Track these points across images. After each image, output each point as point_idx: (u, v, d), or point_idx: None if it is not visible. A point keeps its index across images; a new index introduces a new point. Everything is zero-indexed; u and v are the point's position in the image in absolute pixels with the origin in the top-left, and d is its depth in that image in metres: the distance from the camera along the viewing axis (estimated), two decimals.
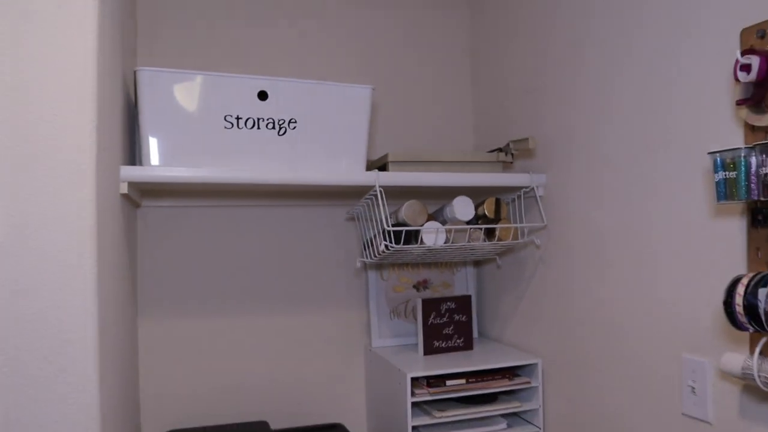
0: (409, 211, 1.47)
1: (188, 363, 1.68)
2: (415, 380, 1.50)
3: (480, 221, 1.55)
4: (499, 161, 1.57)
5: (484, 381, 1.54)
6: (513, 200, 1.66)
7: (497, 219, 1.53)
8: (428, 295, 1.85)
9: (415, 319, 1.82)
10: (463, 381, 1.51)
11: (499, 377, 1.56)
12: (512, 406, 1.57)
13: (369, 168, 1.56)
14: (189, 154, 1.32)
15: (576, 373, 1.45)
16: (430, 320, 1.68)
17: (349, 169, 1.44)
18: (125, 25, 1.38)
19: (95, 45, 0.97)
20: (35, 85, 0.93)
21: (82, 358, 0.93)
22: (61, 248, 0.93)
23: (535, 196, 1.57)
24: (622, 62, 1.28)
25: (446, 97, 1.97)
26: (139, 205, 1.63)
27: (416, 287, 1.86)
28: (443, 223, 1.51)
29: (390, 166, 1.48)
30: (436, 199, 1.86)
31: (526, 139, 1.49)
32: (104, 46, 1.04)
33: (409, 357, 1.64)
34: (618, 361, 1.31)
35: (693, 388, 1.13)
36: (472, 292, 1.90)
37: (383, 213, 1.41)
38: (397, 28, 1.92)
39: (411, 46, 1.93)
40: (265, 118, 1.36)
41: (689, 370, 1.14)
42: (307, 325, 1.79)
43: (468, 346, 1.72)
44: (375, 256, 1.52)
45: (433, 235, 1.45)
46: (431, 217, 1.52)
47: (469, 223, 1.52)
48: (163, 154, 1.30)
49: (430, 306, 1.68)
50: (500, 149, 1.57)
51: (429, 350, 1.67)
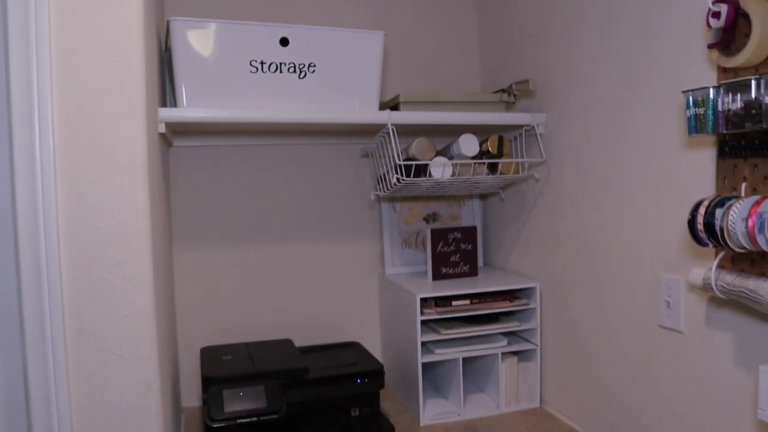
0: (419, 147, 1.60)
1: (217, 289, 1.86)
2: (423, 301, 1.67)
3: (484, 157, 1.68)
4: (502, 101, 1.69)
5: (486, 302, 1.70)
6: (515, 138, 1.79)
7: (500, 155, 1.67)
8: (437, 226, 2.00)
9: (425, 249, 1.98)
10: (467, 302, 1.68)
11: (501, 299, 1.72)
12: (512, 325, 1.74)
13: (382, 108, 1.69)
14: (218, 97, 1.46)
15: (570, 295, 1.61)
16: (439, 248, 1.83)
17: (363, 109, 1.57)
18: None
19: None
20: (98, 35, 1.07)
21: (143, 266, 1.10)
22: (122, 175, 1.09)
23: (535, 134, 1.69)
24: (621, 8, 1.39)
25: (454, 42, 2.07)
26: (171, 145, 1.78)
27: (426, 219, 2.01)
28: (450, 158, 1.65)
29: (401, 106, 1.61)
30: (444, 137, 1.99)
31: (526, 81, 1.61)
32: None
33: (419, 282, 1.80)
34: (606, 282, 1.47)
35: (668, 302, 1.28)
36: (478, 223, 2.05)
37: (395, 149, 1.55)
38: None
39: None
40: (286, 62, 1.49)
41: (665, 287, 1.29)
42: (326, 254, 1.96)
43: (473, 272, 1.88)
44: (387, 189, 1.66)
45: (440, 169, 1.59)
46: (439, 153, 1.66)
47: (474, 158, 1.66)
48: (193, 97, 1.44)
49: (438, 236, 1.84)
50: (503, 90, 1.69)
51: (437, 276, 1.83)
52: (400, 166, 1.58)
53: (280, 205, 1.91)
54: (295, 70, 1.50)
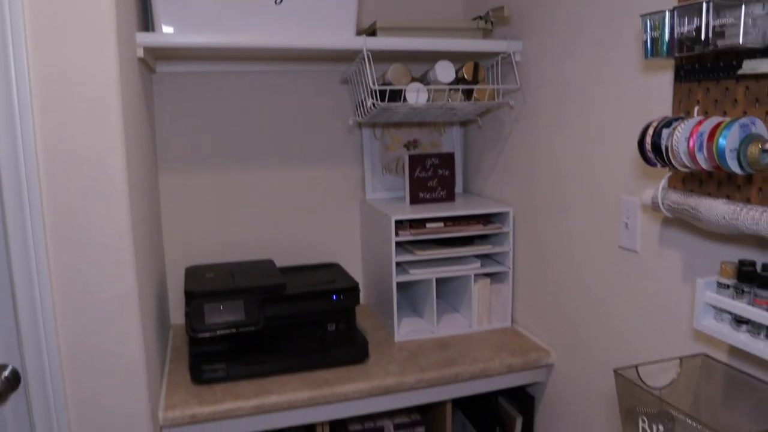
0: (395, 73, 1.63)
1: (202, 211, 1.92)
2: (399, 224, 1.73)
3: (460, 83, 1.71)
4: (479, 29, 1.71)
5: (460, 225, 1.76)
6: (492, 66, 1.81)
7: (475, 81, 1.69)
8: (418, 152, 2.04)
9: (404, 174, 2.03)
10: (441, 224, 1.74)
11: (475, 223, 1.78)
12: (485, 248, 1.81)
13: (359, 35, 1.70)
14: (196, 22, 1.48)
15: (541, 220, 1.67)
16: (416, 174, 1.88)
17: (339, 35, 1.59)
18: None
19: None
20: None
21: (117, 181, 1.16)
22: (92, 98, 1.13)
23: (511, 62, 1.72)
24: None
25: None
26: (153, 71, 1.81)
27: (407, 146, 2.06)
28: (427, 85, 1.68)
29: (378, 33, 1.63)
30: (423, 64, 2.00)
31: (501, 8, 1.62)
32: None
33: (396, 206, 1.86)
34: (573, 207, 1.52)
35: (627, 224, 1.34)
36: (457, 151, 2.10)
37: (370, 75, 1.58)
38: None
39: None
40: None
41: (625, 209, 1.34)
42: (308, 179, 2.01)
43: (450, 197, 1.93)
44: (365, 115, 1.70)
45: (414, 94, 1.62)
46: (416, 80, 1.69)
47: (450, 85, 1.69)
48: (173, 22, 1.46)
49: (416, 161, 1.88)
50: (480, 17, 1.71)
51: (414, 200, 1.89)
52: (376, 92, 1.61)
53: (263, 131, 1.95)
54: None
